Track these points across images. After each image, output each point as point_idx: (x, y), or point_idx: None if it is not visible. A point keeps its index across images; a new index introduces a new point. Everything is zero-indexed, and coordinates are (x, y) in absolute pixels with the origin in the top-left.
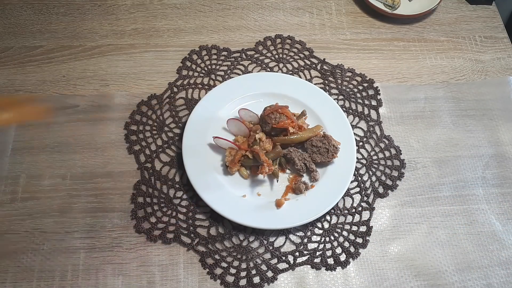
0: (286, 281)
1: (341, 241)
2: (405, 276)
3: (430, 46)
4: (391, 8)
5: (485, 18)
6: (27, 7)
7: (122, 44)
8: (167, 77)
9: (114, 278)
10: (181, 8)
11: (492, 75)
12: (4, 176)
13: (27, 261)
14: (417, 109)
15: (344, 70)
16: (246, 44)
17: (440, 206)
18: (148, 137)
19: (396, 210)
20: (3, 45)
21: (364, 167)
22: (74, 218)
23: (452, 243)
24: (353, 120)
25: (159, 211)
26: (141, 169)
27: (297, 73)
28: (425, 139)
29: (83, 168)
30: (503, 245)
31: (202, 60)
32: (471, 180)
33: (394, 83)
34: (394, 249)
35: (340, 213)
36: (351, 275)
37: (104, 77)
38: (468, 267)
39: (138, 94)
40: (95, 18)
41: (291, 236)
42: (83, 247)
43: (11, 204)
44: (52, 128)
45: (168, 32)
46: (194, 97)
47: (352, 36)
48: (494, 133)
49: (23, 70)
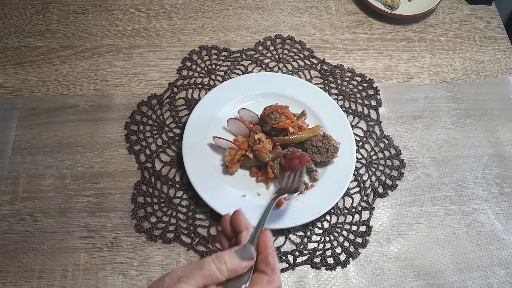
0: (286, 281)
1: (341, 240)
2: (404, 276)
3: (429, 46)
4: (391, 8)
5: (484, 18)
6: (27, 7)
7: (122, 44)
8: (167, 77)
9: (114, 278)
10: (181, 8)
11: (492, 75)
12: (4, 176)
13: (27, 261)
14: (417, 109)
15: (344, 70)
16: (246, 44)
17: (439, 206)
18: (148, 137)
19: (395, 210)
20: (3, 45)
21: (364, 167)
22: (75, 218)
23: (451, 243)
24: (353, 120)
25: (159, 211)
26: (141, 169)
27: (297, 73)
28: (424, 139)
29: (83, 168)
30: (503, 245)
31: (202, 60)
32: (471, 180)
33: (394, 83)
34: (393, 248)
35: (340, 213)
36: (351, 275)
37: (105, 77)
38: (468, 266)
39: (138, 94)
40: (95, 18)
41: (291, 235)
42: (84, 247)
43: (11, 204)
44: (52, 128)
45: (168, 32)
46: (194, 97)
47: (352, 36)
48: (494, 133)
49: (24, 70)
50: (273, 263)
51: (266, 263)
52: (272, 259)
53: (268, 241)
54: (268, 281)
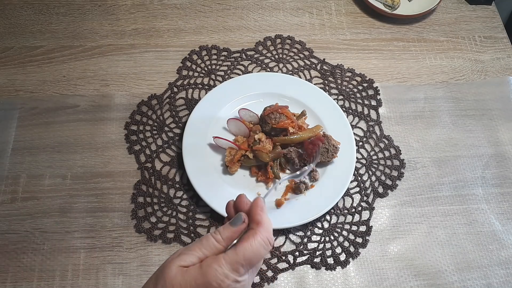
0: (286, 281)
1: (341, 240)
2: (404, 276)
3: (429, 46)
4: (391, 8)
5: (484, 18)
6: (27, 7)
7: (122, 44)
8: (167, 77)
9: (114, 278)
10: (181, 8)
11: (492, 75)
12: (4, 176)
13: (27, 261)
14: (417, 109)
15: (344, 70)
16: (246, 44)
17: (439, 206)
18: (148, 137)
19: (395, 210)
20: (3, 45)
21: (364, 167)
22: (74, 218)
23: (451, 243)
24: (353, 120)
25: (159, 211)
26: (141, 169)
27: (297, 73)
28: (424, 139)
29: (83, 168)
30: (503, 245)
31: (202, 60)
32: (471, 180)
33: (394, 83)
34: (393, 248)
35: (340, 213)
36: (351, 275)
37: (105, 77)
38: (468, 266)
39: (138, 94)
40: (95, 18)
41: (291, 235)
42: (84, 247)
43: (11, 204)
44: (52, 128)
45: (168, 32)
46: (194, 97)
47: (352, 36)
48: (494, 133)
49: (24, 70)
50: (258, 219)
51: (253, 220)
52: (258, 216)
53: (258, 202)
54: (252, 234)
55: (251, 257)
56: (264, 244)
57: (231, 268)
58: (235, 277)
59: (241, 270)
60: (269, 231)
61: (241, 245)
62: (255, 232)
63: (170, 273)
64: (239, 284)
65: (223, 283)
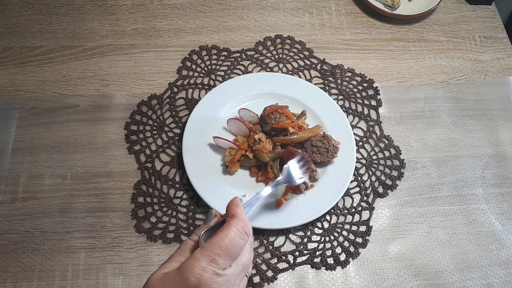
0: (286, 281)
1: (341, 240)
2: (404, 276)
3: (429, 46)
4: (391, 8)
5: (484, 18)
6: (27, 7)
7: (122, 44)
8: (167, 77)
9: (114, 278)
10: (181, 8)
11: (492, 75)
12: (4, 176)
13: (27, 261)
14: (417, 109)
15: (344, 70)
16: (246, 44)
17: (439, 206)
18: (148, 137)
19: (395, 210)
20: (3, 45)
21: (364, 167)
22: (74, 218)
23: (451, 243)
24: (353, 120)
25: (159, 211)
26: (141, 169)
27: (297, 73)
28: (424, 139)
29: (83, 168)
30: (503, 245)
31: (202, 60)
32: (471, 180)
33: (394, 83)
34: (394, 248)
35: (340, 213)
36: (351, 275)
37: (105, 77)
38: (468, 266)
39: (138, 94)
40: (95, 18)
41: (291, 235)
42: (84, 247)
43: (11, 204)
44: (52, 128)
45: (168, 32)
46: (194, 97)
47: (352, 36)
48: (494, 133)
49: (24, 70)
50: (233, 213)
51: (228, 215)
52: (232, 210)
53: (233, 200)
54: (227, 225)
55: (228, 246)
56: (240, 233)
57: (207, 260)
58: (214, 269)
59: (219, 261)
60: (244, 221)
61: (216, 236)
62: (229, 223)
63: (151, 281)
64: (220, 278)
65: (201, 277)
